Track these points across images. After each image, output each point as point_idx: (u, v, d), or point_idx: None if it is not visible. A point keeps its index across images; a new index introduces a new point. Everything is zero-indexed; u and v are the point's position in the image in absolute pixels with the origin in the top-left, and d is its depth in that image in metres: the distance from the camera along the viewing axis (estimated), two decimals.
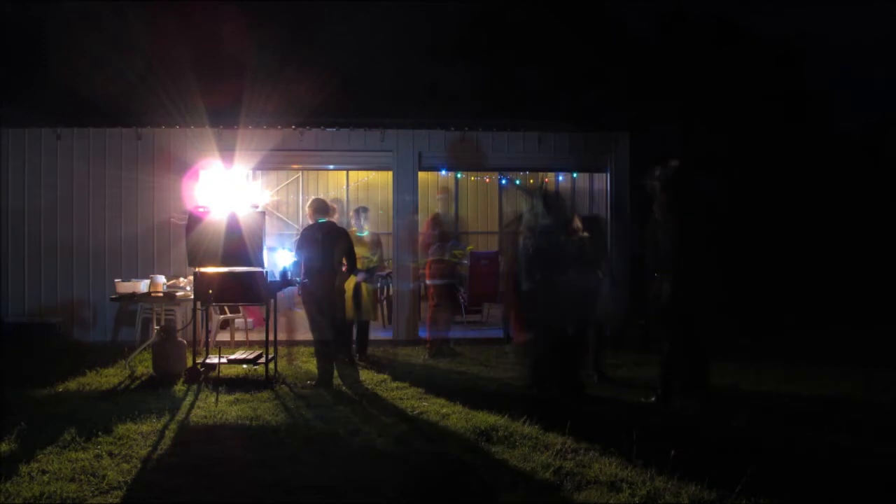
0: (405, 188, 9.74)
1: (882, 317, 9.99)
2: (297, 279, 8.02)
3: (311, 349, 7.48)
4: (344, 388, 6.77)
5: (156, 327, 7.86)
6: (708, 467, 4.37)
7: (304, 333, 7.83)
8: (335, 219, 7.64)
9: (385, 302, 10.46)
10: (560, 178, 12.82)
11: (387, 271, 10.62)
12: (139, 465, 4.59)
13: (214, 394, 6.47)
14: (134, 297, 7.59)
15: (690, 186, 6.25)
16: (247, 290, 6.99)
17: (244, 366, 7.48)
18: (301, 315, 8.14)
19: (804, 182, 11.26)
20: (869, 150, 12.63)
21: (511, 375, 7.25)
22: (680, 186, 6.11)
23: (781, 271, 10.55)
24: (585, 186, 11.63)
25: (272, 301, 7.27)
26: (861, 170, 11.91)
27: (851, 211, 11.47)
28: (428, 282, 8.47)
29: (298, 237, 7.37)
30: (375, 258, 8.27)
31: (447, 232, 8.65)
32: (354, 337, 8.05)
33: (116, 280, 7.80)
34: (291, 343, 8.53)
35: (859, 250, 11.13)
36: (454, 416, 5.67)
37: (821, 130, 12.40)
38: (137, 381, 7.01)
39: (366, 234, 8.27)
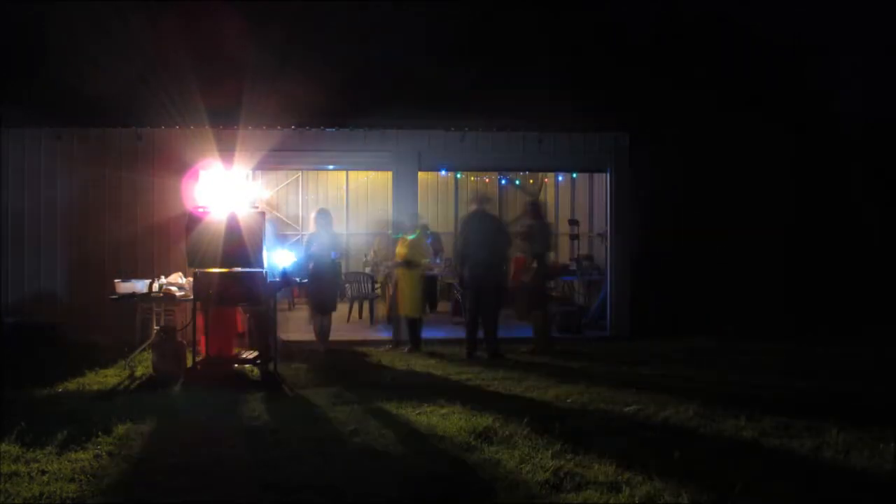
0: (405, 188, 9.74)
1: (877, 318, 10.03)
2: (297, 279, 8.04)
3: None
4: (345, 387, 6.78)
5: (156, 327, 7.86)
6: None
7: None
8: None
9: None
10: (560, 178, 12.82)
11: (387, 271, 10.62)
12: (139, 465, 4.59)
13: (214, 394, 6.47)
14: (134, 297, 7.59)
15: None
16: (247, 290, 6.99)
17: (244, 366, 7.48)
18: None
19: (806, 182, 11.23)
20: (871, 150, 12.60)
21: (504, 376, 7.29)
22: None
23: (783, 273, 10.54)
24: (585, 186, 11.65)
25: (272, 301, 7.29)
26: (864, 170, 11.87)
27: (854, 212, 11.43)
28: None
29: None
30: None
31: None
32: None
33: (116, 280, 7.80)
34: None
35: (861, 253, 11.10)
36: (455, 415, 5.68)
37: (823, 130, 12.38)
38: (137, 381, 7.01)
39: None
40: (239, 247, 6.85)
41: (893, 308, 10.09)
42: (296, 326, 9.97)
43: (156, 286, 7.58)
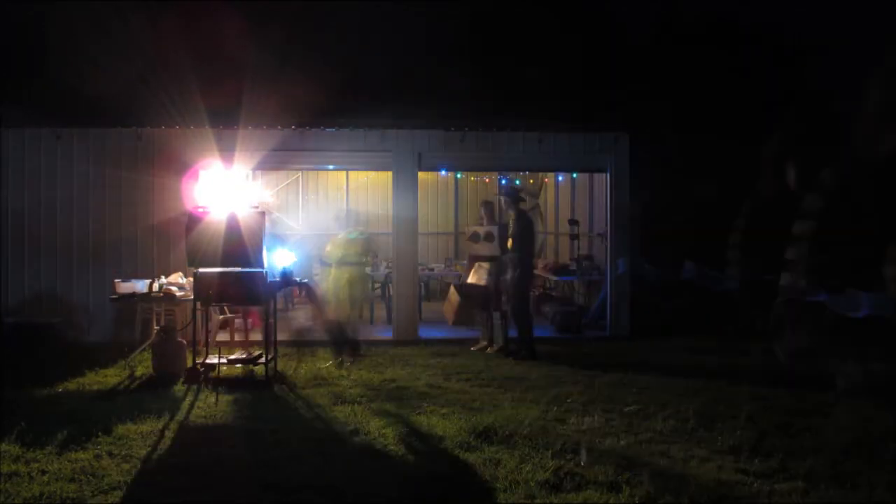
0: (405, 188, 9.74)
1: None
2: (299, 280, 8.03)
3: (315, 349, 8.18)
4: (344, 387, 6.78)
5: (156, 327, 7.86)
6: None
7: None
8: None
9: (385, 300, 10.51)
10: (560, 178, 12.82)
11: (387, 271, 10.65)
12: (139, 465, 4.59)
13: (214, 394, 6.48)
14: (134, 297, 7.59)
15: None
16: (247, 290, 6.99)
17: (244, 365, 7.48)
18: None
19: (806, 181, 11.24)
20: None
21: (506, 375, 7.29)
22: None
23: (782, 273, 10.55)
24: (585, 186, 11.65)
25: (272, 301, 7.29)
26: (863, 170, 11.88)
27: (854, 212, 11.43)
28: None
29: None
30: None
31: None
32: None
33: (116, 280, 7.79)
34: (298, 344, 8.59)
35: (860, 252, 11.10)
36: (455, 416, 5.67)
37: (822, 130, 12.38)
38: (137, 381, 7.01)
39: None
40: (239, 247, 6.85)
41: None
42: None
43: (156, 286, 7.58)
